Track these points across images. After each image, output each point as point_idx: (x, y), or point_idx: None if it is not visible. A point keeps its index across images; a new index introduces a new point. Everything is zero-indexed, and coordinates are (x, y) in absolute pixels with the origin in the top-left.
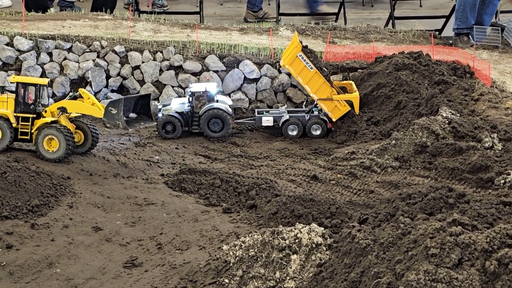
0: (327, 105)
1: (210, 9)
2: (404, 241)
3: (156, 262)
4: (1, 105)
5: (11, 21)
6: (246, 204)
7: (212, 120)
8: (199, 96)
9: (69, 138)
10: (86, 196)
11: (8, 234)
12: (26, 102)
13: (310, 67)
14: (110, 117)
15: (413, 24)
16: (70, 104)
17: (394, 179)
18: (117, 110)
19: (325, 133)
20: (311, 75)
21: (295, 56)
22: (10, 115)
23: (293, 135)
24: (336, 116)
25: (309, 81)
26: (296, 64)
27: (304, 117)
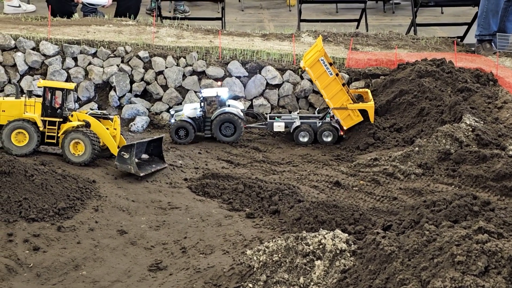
0: (340, 113)
1: (231, 15)
2: (429, 248)
3: (181, 265)
4: (29, 109)
5: (37, 26)
6: (269, 210)
7: (224, 125)
8: (211, 101)
9: (95, 142)
10: (111, 199)
11: (35, 236)
12: (53, 107)
13: (330, 72)
14: (122, 161)
15: (434, 31)
16: (94, 124)
17: (417, 186)
18: (129, 155)
19: (336, 140)
20: (330, 81)
21: (317, 60)
22: (38, 119)
23: (304, 142)
24: (347, 125)
25: (327, 87)
26: (316, 67)
27: (316, 124)
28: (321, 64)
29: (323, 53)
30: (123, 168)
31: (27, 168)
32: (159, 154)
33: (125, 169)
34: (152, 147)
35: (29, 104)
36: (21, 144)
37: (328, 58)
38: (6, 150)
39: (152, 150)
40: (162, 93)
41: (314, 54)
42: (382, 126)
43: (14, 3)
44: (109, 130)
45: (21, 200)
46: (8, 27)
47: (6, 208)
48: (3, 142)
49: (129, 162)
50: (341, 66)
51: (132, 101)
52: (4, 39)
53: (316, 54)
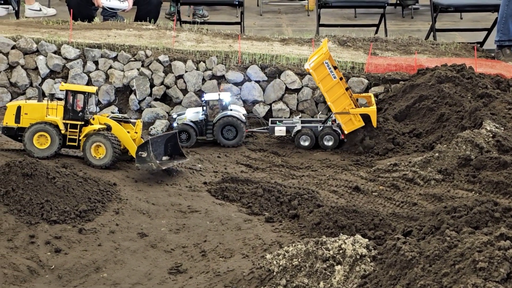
0: (342, 118)
1: (250, 19)
2: (450, 254)
3: (200, 269)
4: (51, 112)
5: (58, 30)
6: (289, 214)
7: (226, 128)
8: (213, 105)
9: (116, 145)
10: (131, 202)
11: (57, 238)
12: (75, 110)
13: (334, 76)
14: (142, 161)
15: (454, 36)
16: (115, 128)
17: (437, 192)
18: (146, 152)
19: (337, 144)
20: (333, 84)
21: (321, 62)
22: (59, 122)
23: (305, 146)
24: (348, 129)
25: (330, 90)
26: (320, 70)
27: (317, 128)
28: (325, 67)
29: (328, 56)
30: (144, 167)
31: (49, 171)
32: (178, 151)
33: (147, 167)
34: (170, 147)
35: (51, 107)
36: (43, 146)
37: (332, 61)
38: (28, 153)
39: (170, 150)
40: (182, 97)
41: (319, 56)
42: (401, 132)
43: (35, 6)
44: (130, 134)
45: (43, 202)
46: (30, 30)
47: (28, 210)
48: (25, 144)
49: (148, 159)
50: (360, 71)
51: (152, 104)
52: (26, 43)
53: (321, 56)
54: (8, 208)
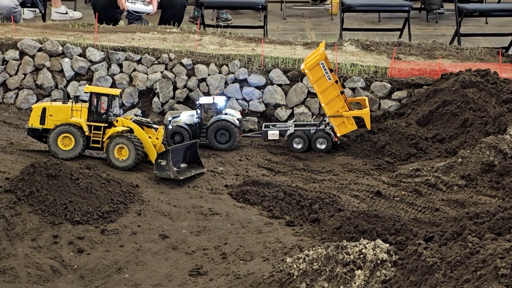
0: (335, 120)
1: (273, 23)
2: (472, 260)
3: (221, 271)
4: (75, 114)
5: (84, 33)
6: (309, 218)
7: (219, 132)
8: (207, 109)
9: (138, 147)
10: (153, 204)
11: (80, 238)
12: (99, 112)
13: (329, 77)
14: (161, 169)
15: (479, 41)
16: (137, 131)
17: (460, 198)
18: (166, 161)
19: (330, 147)
20: (327, 86)
21: (317, 63)
22: (83, 124)
23: (298, 149)
24: (341, 132)
25: (324, 91)
26: (315, 71)
27: (310, 130)
28: (321, 68)
29: (324, 57)
30: (162, 175)
31: (73, 172)
32: (196, 160)
33: (165, 175)
34: (189, 155)
35: (75, 109)
36: (67, 148)
37: (328, 63)
38: (53, 154)
39: (189, 157)
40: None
41: (315, 57)
42: (424, 137)
43: (62, 10)
44: (151, 139)
45: (67, 203)
46: (56, 33)
47: (52, 211)
48: (50, 145)
49: (167, 168)
50: (383, 75)
51: (175, 107)
52: (52, 45)
53: (317, 57)
54: (33, 208)
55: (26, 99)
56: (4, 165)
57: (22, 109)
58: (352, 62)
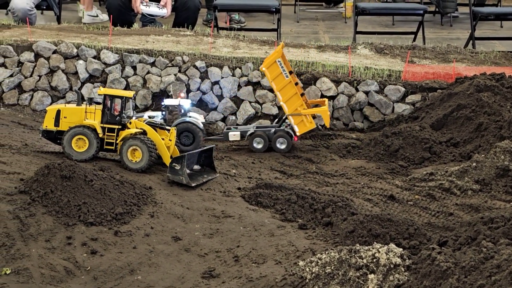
0: (295, 119)
1: (286, 26)
2: (486, 265)
3: (233, 274)
4: (89, 116)
5: (98, 35)
6: (322, 221)
7: (183, 134)
8: (172, 110)
9: (152, 149)
10: (166, 206)
11: (93, 240)
12: (113, 114)
13: (286, 75)
14: (174, 173)
15: (493, 45)
16: (150, 133)
17: (474, 202)
18: (180, 166)
19: (290, 147)
20: (285, 83)
21: (274, 61)
22: (97, 126)
23: (258, 148)
24: (301, 131)
25: (282, 89)
26: (273, 69)
27: (270, 131)
28: (278, 66)
29: (281, 54)
30: (175, 179)
31: (86, 173)
32: (210, 164)
33: (177, 180)
34: (203, 158)
35: (89, 111)
36: (81, 149)
37: (287, 64)
38: (67, 156)
39: (203, 160)
40: (218, 103)
41: (272, 55)
42: (438, 141)
43: (93, 12)
44: (164, 141)
45: (80, 204)
46: (71, 35)
47: (66, 212)
48: (64, 147)
49: (180, 173)
50: (397, 79)
51: None
52: (67, 48)
53: (274, 55)
54: (47, 209)
55: (41, 101)
56: (19, 166)
57: (37, 111)
58: (366, 65)
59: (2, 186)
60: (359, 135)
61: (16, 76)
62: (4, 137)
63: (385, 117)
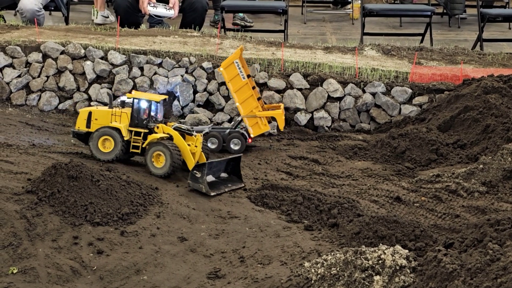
0: (250, 121)
1: (294, 27)
2: (492, 267)
3: (239, 275)
4: (117, 118)
5: (106, 36)
6: (328, 223)
7: None
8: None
9: (175, 155)
10: (172, 206)
11: (99, 240)
12: (141, 118)
13: (243, 76)
14: (194, 180)
15: (502, 46)
16: (176, 139)
17: (481, 204)
18: (200, 174)
19: (244, 148)
20: (242, 85)
21: (232, 62)
22: (122, 128)
23: (212, 149)
24: (255, 133)
25: (238, 91)
26: (230, 69)
27: (225, 131)
28: (235, 67)
29: (238, 56)
30: (195, 186)
31: (93, 174)
32: (237, 173)
33: (197, 187)
34: (231, 166)
35: (115, 114)
36: (107, 150)
37: (245, 67)
38: (94, 156)
39: (230, 169)
40: (224, 104)
41: (230, 56)
42: (445, 142)
43: (105, 13)
44: (190, 147)
45: (87, 204)
46: (79, 36)
47: (72, 212)
48: (91, 147)
49: (200, 181)
50: (404, 80)
51: (195, 111)
52: (74, 48)
53: (232, 56)
54: (54, 209)
55: (49, 101)
56: (26, 166)
57: (45, 111)
58: (373, 66)
59: (10, 185)
60: (365, 137)
61: (24, 76)
62: (11, 137)
63: (392, 119)
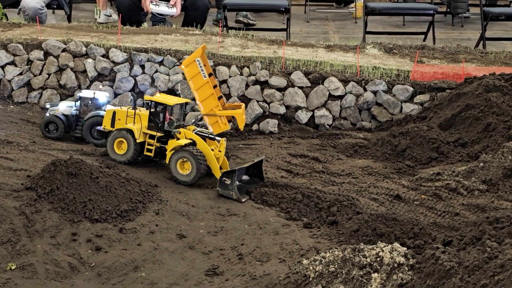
0: (210, 119)
1: (296, 26)
2: (490, 265)
3: (237, 272)
4: (130, 120)
5: (107, 34)
6: (327, 220)
7: (94, 127)
8: (87, 103)
9: (201, 161)
10: (172, 204)
11: (98, 236)
12: (156, 121)
13: (204, 75)
14: (224, 187)
15: (504, 45)
16: (200, 144)
17: (481, 203)
18: (230, 181)
19: None
20: (203, 83)
21: (193, 60)
22: (136, 130)
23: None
24: (215, 131)
25: (199, 89)
26: (191, 67)
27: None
28: (197, 65)
29: (200, 54)
30: (224, 193)
31: (92, 171)
32: (259, 174)
33: (227, 194)
34: (253, 168)
35: (130, 115)
36: (121, 152)
37: (208, 66)
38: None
39: (252, 171)
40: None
41: (192, 54)
42: (446, 141)
43: (107, 12)
44: (213, 152)
45: (86, 201)
46: (80, 34)
47: (71, 209)
48: (108, 148)
49: (230, 188)
50: (405, 78)
51: (196, 108)
52: (76, 46)
53: (194, 54)
54: (53, 205)
55: (50, 99)
56: (26, 163)
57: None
58: (374, 65)
59: (9, 182)
60: (366, 135)
61: (25, 74)
62: (12, 135)
63: (393, 117)
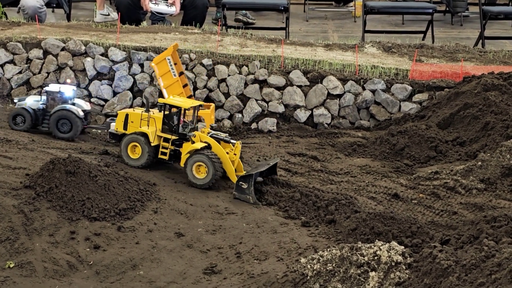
0: None
1: (296, 25)
2: (487, 264)
3: (235, 270)
4: (150, 122)
5: (106, 33)
6: (325, 219)
7: (61, 121)
8: (54, 97)
9: (217, 165)
10: (170, 202)
11: (96, 235)
12: (170, 123)
13: (174, 73)
14: (241, 191)
15: (503, 44)
16: (215, 147)
17: (478, 201)
18: (247, 185)
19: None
20: (172, 82)
21: (164, 58)
22: (150, 133)
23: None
24: None
25: (169, 87)
26: (162, 65)
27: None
28: (167, 63)
29: (171, 52)
30: (241, 197)
31: (91, 169)
32: (272, 175)
33: (244, 199)
34: (267, 170)
35: (144, 118)
36: (136, 156)
37: (179, 64)
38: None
39: (266, 172)
40: (224, 101)
41: (163, 52)
42: (444, 139)
43: (104, 11)
44: (228, 155)
45: (84, 200)
46: (80, 33)
47: (70, 207)
48: (121, 152)
49: (247, 192)
50: (404, 77)
51: None
52: (75, 45)
53: (165, 52)
54: (51, 204)
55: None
56: (25, 162)
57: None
58: (373, 64)
59: (8, 180)
60: (365, 134)
61: (24, 72)
62: (11, 133)
63: (392, 116)
